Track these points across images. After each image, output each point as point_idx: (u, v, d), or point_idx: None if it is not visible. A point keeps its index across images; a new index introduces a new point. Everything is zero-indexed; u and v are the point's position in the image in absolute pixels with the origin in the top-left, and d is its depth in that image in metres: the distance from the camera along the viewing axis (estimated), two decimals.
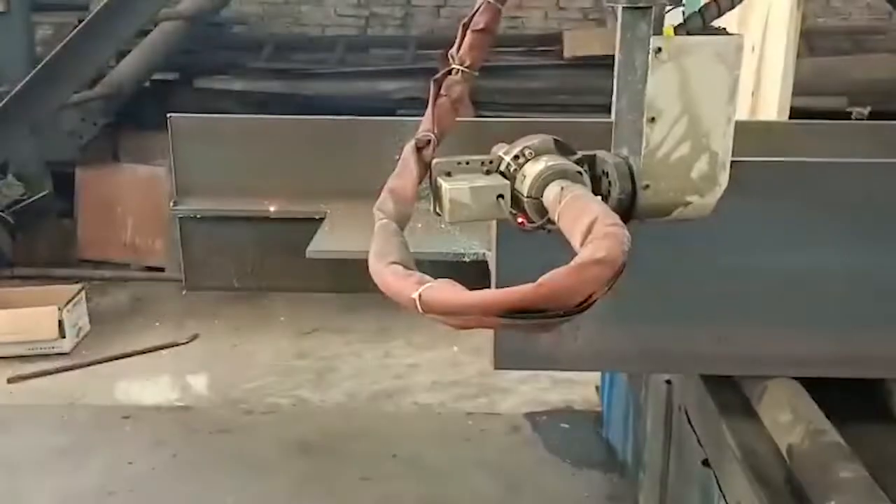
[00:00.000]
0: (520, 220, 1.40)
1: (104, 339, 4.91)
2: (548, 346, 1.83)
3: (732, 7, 1.47)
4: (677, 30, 1.40)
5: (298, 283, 2.77)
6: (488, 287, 1.88)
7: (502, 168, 1.42)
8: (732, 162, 1.46)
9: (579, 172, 1.38)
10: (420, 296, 1.12)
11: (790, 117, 3.34)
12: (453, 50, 1.48)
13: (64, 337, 4.68)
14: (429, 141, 1.45)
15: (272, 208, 2.64)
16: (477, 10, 1.46)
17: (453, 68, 1.47)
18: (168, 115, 2.70)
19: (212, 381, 4.56)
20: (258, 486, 3.55)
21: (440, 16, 7.69)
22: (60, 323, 4.66)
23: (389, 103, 6.04)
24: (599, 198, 1.38)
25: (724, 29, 1.47)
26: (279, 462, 3.72)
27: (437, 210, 1.43)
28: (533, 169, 1.37)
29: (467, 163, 1.43)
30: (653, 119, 1.36)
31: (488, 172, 1.43)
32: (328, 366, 4.66)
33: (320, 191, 2.66)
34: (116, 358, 4.68)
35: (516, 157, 1.40)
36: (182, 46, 6.19)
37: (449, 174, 1.42)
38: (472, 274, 2.30)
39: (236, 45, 7.05)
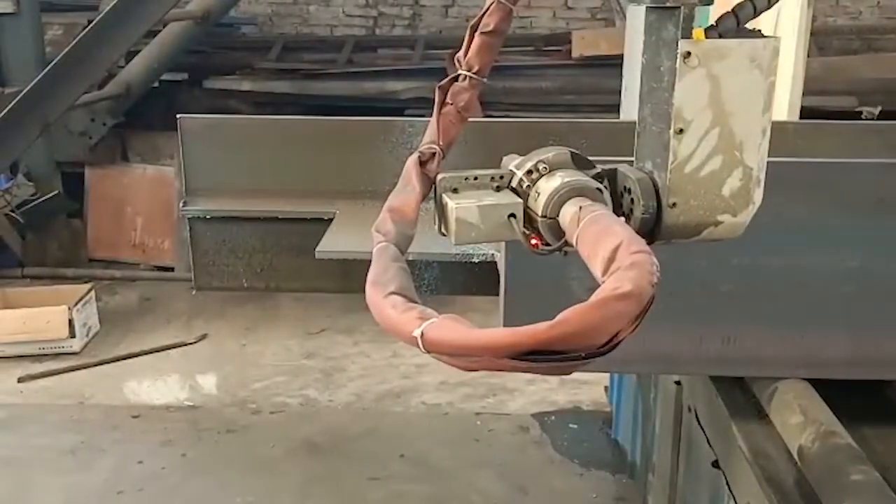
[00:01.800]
0: (533, 241, 1.29)
1: (114, 338, 4.93)
2: None
3: (769, 6, 1.31)
4: (708, 32, 1.26)
5: (307, 283, 2.77)
6: (497, 292, 1.88)
7: (514, 184, 1.30)
8: None
9: (599, 189, 1.26)
10: (422, 334, 1.03)
11: (800, 117, 3.33)
12: (460, 54, 1.37)
13: (74, 336, 4.70)
14: (433, 154, 1.34)
15: (281, 208, 2.65)
16: (486, 11, 1.34)
17: (460, 74, 1.36)
18: (177, 115, 2.71)
19: (220, 380, 4.57)
20: (266, 485, 3.55)
21: (448, 16, 7.70)
22: (70, 322, 4.68)
23: (398, 103, 6.05)
24: (622, 218, 1.27)
25: (760, 31, 1.30)
26: (287, 461, 3.73)
27: (443, 230, 1.32)
28: (548, 185, 1.26)
29: (475, 178, 1.32)
30: (681, 130, 1.25)
31: (498, 189, 1.31)
32: (336, 365, 4.66)
33: (329, 191, 2.66)
34: (126, 357, 4.70)
35: (529, 171, 1.29)
36: (191, 47, 6.21)
37: (455, 191, 1.31)
38: (482, 275, 2.30)
39: (245, 46, 7.07)
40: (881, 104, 5.77)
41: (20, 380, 4.42)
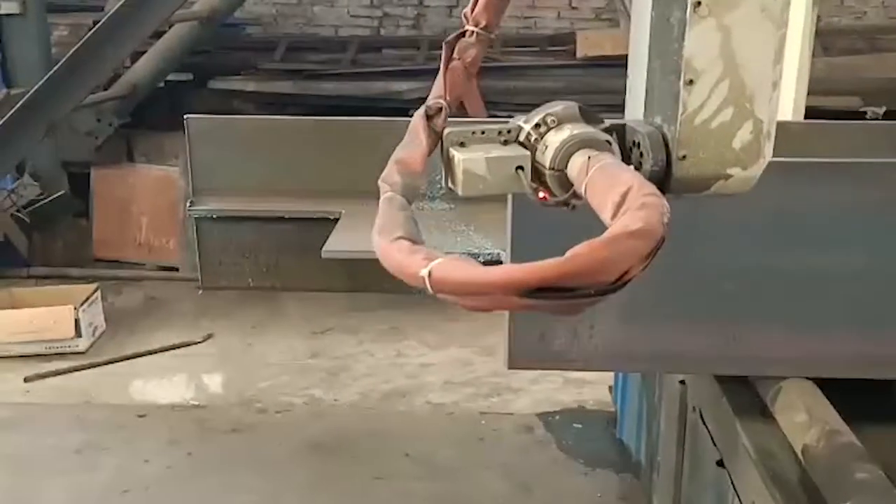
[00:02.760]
0: (541, 194, 1.28)
1: (119, 338, 4.94)
2: (562, 345, 1.84)
3: None
4: None
5: (312, 282, 2.78)
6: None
7: (521, 138, 1.30)
8: None
9: (608, 142, 1.25)
10: (430, 273, 0.99)
11: (805, 117, 3.33)
12: (467, 10, 1.37)
13: (80, 336, 4.71)
14: (440, 108, 1.34)
15: (287, 208, 2.66)
16: None
17: (467, 30, 1.36)
18: (184, 116, 2.72)
19: (226, 380, 4.58)
20: (272, 484, 3.56)
21: (453, 16, 7.70)
22: (76, 322, 4.69)
23: (402, 103, 6.05)
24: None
25: None
26: (292, 461, 3.74)
27: (450, 184, 1.31)
28: (556, 138, 1.25)
29: (483, 132, 1.31)
30: (691, 81, 1.23)
31: (506, 143, 1.30)
32: (341, 365, 4.67)
33: (334, 191, 2.67)
34: (132, 357, 4.71)
35: (537, 125, 1.28)
36: (196, 47, 6.22)
37: (462, 144, 1.30)
38: None
39: (250, 46, 7.08)
40: (886, 104, 5.76)
41: (26, 379, 4.44)
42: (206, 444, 3.87)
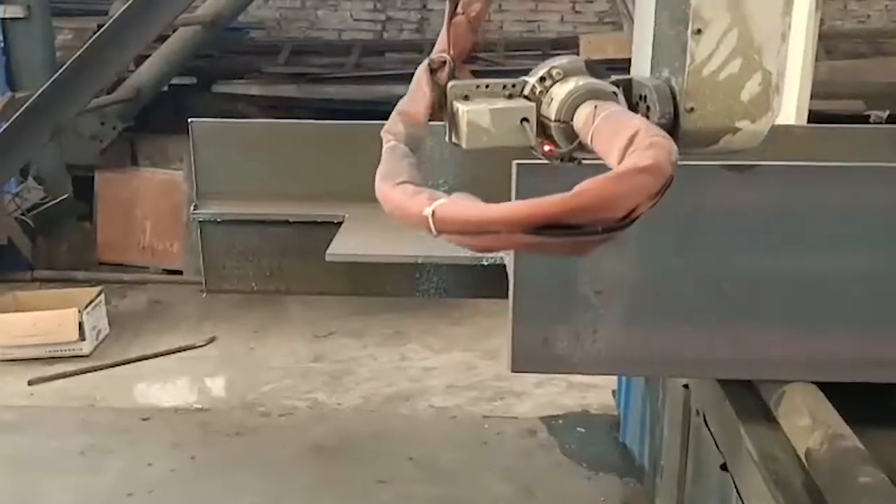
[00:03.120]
0: (547, 147, 1.25)
1: (123, 341, 4.95)
2: (564, 349, 1.84)
3: None
4: None
5: (316, 286, 2.79)
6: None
7: (526, 92, 1.27)
8: (751, 166, 1.44)
9: (614, 93, 1.22)
10: (434, 212, 0.97)
11: (808, 121, 3.33)
12: None
13: (84, 339, 4.72)
14: (444, 62, 1.32)
15: (290, 212, 2.66)
16: None
17: None
18: (188, 119, 2.73)
19: (229, 383, 4.58)
20: (275, 488, 3.56)
21: None
22: (80, 325, 4.70)
23: None
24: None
25: None
26: (295, 464, 3.74)
27: (454, 138, 1.28)
28: (562, 90, 1.22)
29: (487, 86, 1.28)
30: (699, 31, 1.20)
31: (510, 97, 1.28)
32: (344, 368, 4.67)
33: (338, 194, 2.68)
34: (135, 360, 4.72)
35: (542, 79, 1.26)
36: (199, 51, 6.24)
37: (466, 98, 1.28)
38: (491, 278, 2.31)
39: (253, 50, 7.10)
40: (889, 108, 5.76)
41: (30, 382, 4.45)
42: (209, 448, 3.88)
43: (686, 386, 2.42)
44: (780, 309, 1.82)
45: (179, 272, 5.97)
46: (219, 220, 2.70)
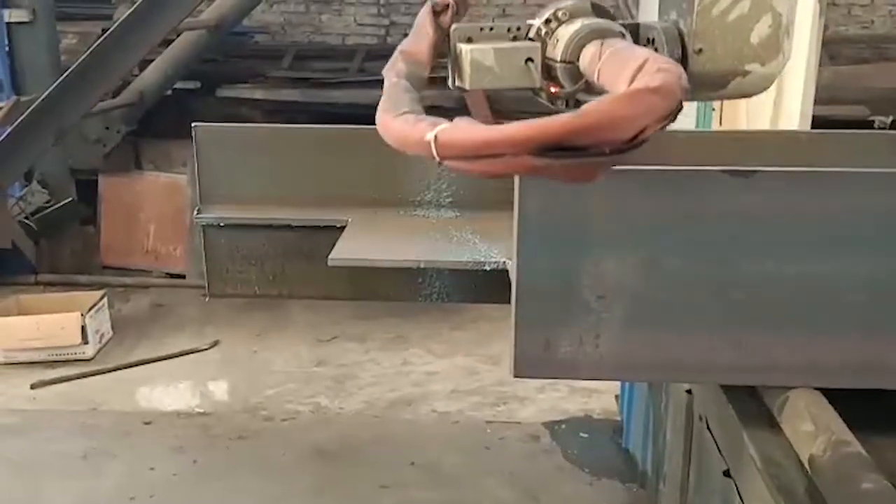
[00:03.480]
0: (552, 89, 1.23)
1: (126, 345, 4.96)
2: (567, 354, 1.83)
3: None
4: None
5: (319, 290, 2.79)
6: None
7: (531, 35, 1.24)
8: (754, 171, 1.43)
9: (621, 33, 1.19)
10: (436, 137, 0.94)
11: (812, 126, 3.33)
12: None
13: (86, 343, 4.73)
14: (447, 5, 1.31)
15: (294, 216, 2.67)
16: None
17: None
18: (192, 123, 2.73)
19: (232, 387, 4.58)
20: (277, 492, 3.56)
21: None
22: (83, 329, 4.71)
23: None
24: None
25: None
26: (298, 469, 3.74)
27: (458, 81, 1.26)
28: (567, 30, 1.19)
29: (491, 29, 1.26)
30: None
31: (515, 39, 1.25)
32: (347, 373, 4.67)
33: (341, 199, 2.68)
34: (138, 364, 4.73)
35: (548, 20, 1.22)
36: (203, 55, 6.26)
37: (470, 40, 1.25)
38: (493, 282, 2.31)
39: (257, 55, 7.11)
40: (893, 113, 5.75)
41: (33, 386, 4.45)
42: (211, 452, 3.88)
43: (689, 391, 2.41)
44: (784, 314, 1.82)
45: (182, 276, 5.98)
46: (222, 224, 2.70)
